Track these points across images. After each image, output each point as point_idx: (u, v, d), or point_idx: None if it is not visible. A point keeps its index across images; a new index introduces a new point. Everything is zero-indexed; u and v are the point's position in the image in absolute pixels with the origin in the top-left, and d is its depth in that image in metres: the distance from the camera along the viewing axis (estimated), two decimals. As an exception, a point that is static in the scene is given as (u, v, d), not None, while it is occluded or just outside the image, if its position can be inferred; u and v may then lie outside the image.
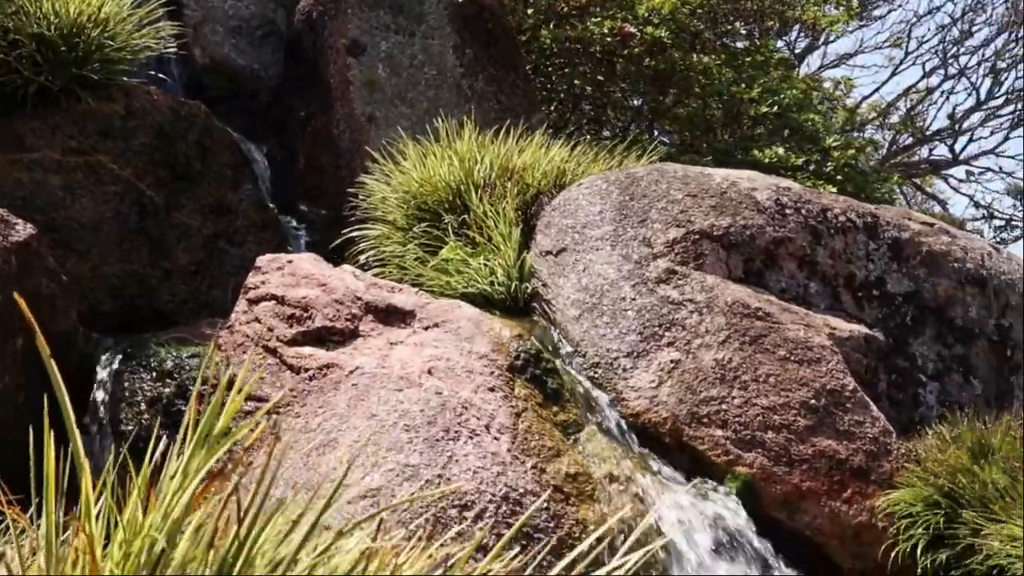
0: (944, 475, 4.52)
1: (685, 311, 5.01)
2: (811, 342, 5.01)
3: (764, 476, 4.59)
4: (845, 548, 4.64)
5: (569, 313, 5.21)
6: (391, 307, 5.14)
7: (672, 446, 4.67)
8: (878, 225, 5.77)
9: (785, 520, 4.61)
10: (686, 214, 5.40)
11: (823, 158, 7.73)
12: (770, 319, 5.03)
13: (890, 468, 4.78)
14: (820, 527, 4.63)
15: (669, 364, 4.84)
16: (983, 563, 4.19)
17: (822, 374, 4.91)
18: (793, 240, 5.48)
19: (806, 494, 4.62)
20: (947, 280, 5.80)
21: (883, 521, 4.62)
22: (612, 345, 4.98)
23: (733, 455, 4.61)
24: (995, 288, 5.89)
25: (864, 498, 4.69)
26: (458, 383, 4.54)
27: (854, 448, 4.78)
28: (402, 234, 6.29)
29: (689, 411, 4.70)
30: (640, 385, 4.81)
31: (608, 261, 5.30)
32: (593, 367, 4.96)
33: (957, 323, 5.76)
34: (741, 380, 4.78)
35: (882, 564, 4.54)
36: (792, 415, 4.73)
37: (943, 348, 5.67)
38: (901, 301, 5.67)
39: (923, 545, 4.47)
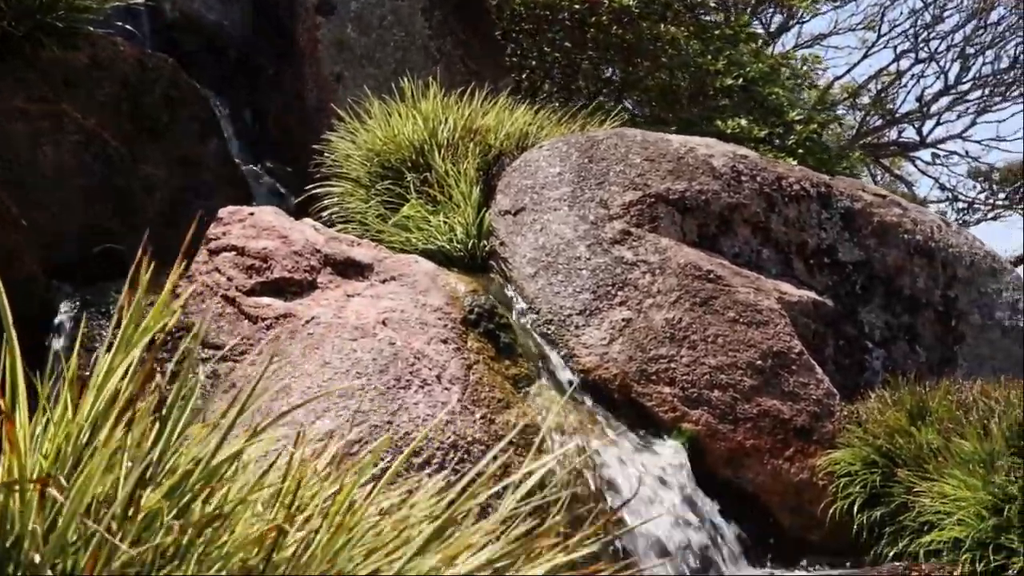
0: (883, 436, 4.65)
1: (638, 272, 5.10)
2: (760, 305, 5.12)
3: (709, 433, 4.70)
4: (786, 505, 4.77)
5: (525, 271, 5.30)
6: (349, 260, 5.20)
7: (621, 402, 4.77)
8: (831, 195, 5.88)
9: (729, 477, 4.72)
10: (643, 177, 5.49)
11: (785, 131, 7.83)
12: (721, 282, 5.13)
13: (832, 429, 4.91)
14: (762, 484, 4.75)
15: (620, 322, 4.93)
16: (915, 519, 4.32)
17: (769, 336, 5.03)
18: (747, 206, 5.59)
19: (750, 452, 4.74)
20: (897, 251, 5.92)
21: (823, 480, 4.75)
22: (566, 303, 5.07)
23: (680, 412, 4.71)
24: (943, 260, 6.03)
25: (806, 457, 4.81)
26: (412, 334, 4.62)
27: (798, 409, 4.90)
28: (365, 191, 6.34)
29: (638, 368, 4.80)
30: (592, 342, 4.91)
31: (565, 221, 5.38)
32: (546, 324, 5.05)
33: (905, 293, 5.89)
34: (690, 340, 4.89)
35: (820, 521, 4.67)
36: (739, 375, 4.85)
37: (891, 316, 5.81)
38: (851, 270, 5.80)
39: (860, 503, 4.61)
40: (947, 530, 4.06)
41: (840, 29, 19.25)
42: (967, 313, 6.01)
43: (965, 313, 6.00)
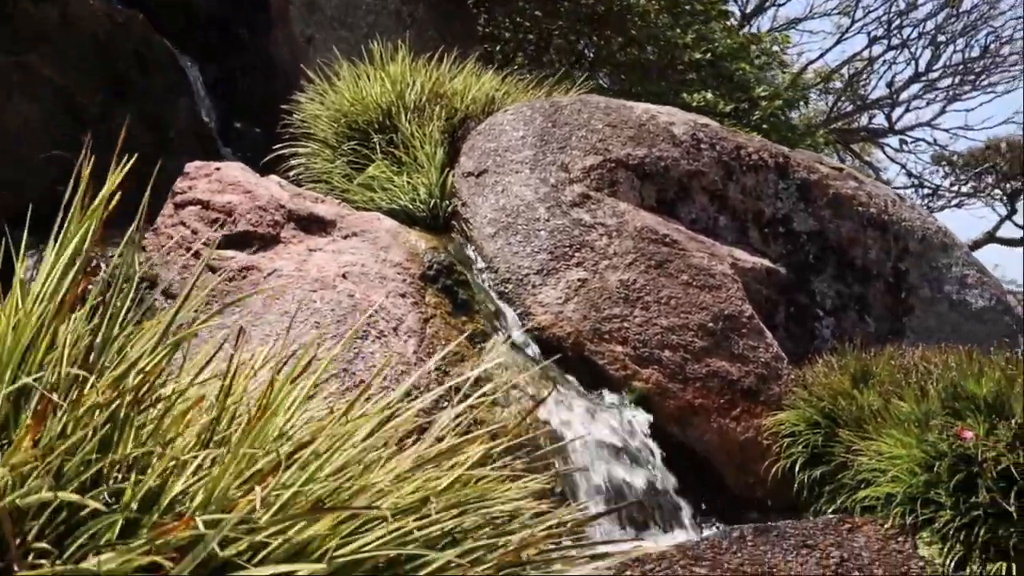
0: (827, 398, 4.78)
1: (595, 234, 5.21)
2: (713, 270, 5.24)
3: (659, 391, 4.83)
4: (731, 463, 4.90)
5: (485, 231, 5.40)
6: (313, 216, 5.29)
7: (574, 359, 4.88)
8: (789, 166, 6.01)
9: (677, 434, 4.85)
10: (604, 143, 5.60)
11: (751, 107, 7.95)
12: (676, 246, 5.25)
13: (779, 391, 5.05)
14: (709, 442, 4.89)
15: (576, 282, 5.04)
16: (853, 478, 4.46)
17: (721, 300, 5.15)
18: (706, 174, 5.70)
19: (698, 410, 4.87)
20: (851, 223, 6.06)
21: (768, 439, 4.89)
22: (523, 262, 5.17)
23: (631, 370, 4.83)
24: (895, 233, 6.18)
25: (752, 417, 4.95)
26: (371, 288, 4.72)
27: (746, 370, 5.03)
28: (331, 152, 6.42)
29: (592, 327, 4.91)
30: (547, 301, 5.02)
31: (526, 184, 5.48)
32: (504, 282, 5.15)
33: (857, 264, 6.03)
34: (644, 301, 5.01)
35: (763, 479, 4.81)
36: (690, 336, 4.97)
37: (842, 286, 5.95)
38: (805, 240, 5.93)
39: (802, 462, 4.75)
40: (882, 486, 4.20)
41: (815, 14, 19.46)
42: (917, 286, 6.16)
43: (915, 286, 6.16)
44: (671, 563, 3.68)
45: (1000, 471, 3.81)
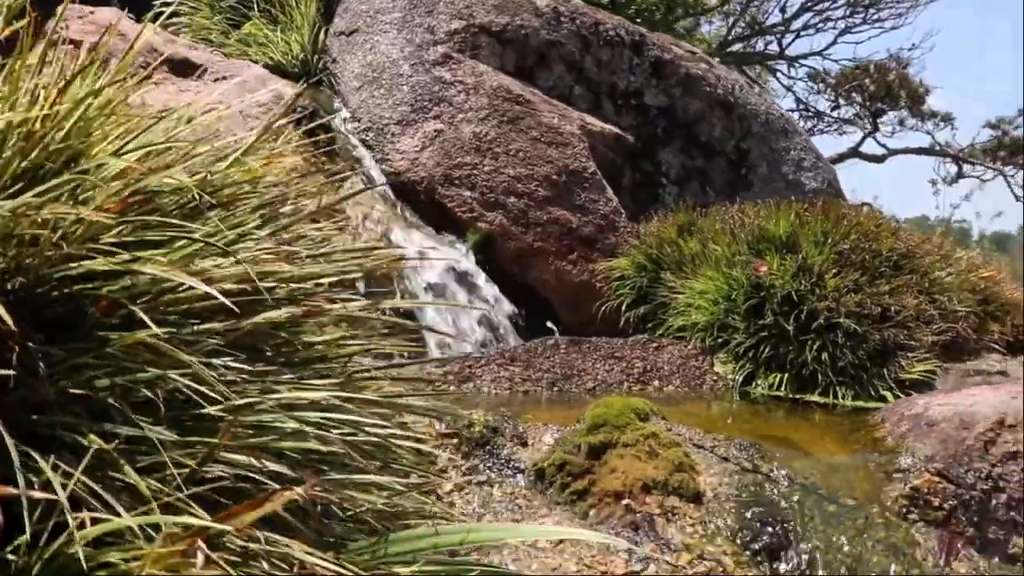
0: (655, 245, 5.25)
1: (454, 90, 5.55)
2: (562, 129, 5.63)
3: (503, 233, 5.23)
4: (566, 303, 5.35)
5: (352, 85, 5.70)
6: (185, 61, 5.52)
7: (426, 201, 5.25)
8: (644, 44, 6.40)
9: (517, 274, 5.27)
10: (470, 9, 5.91)
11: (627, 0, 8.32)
12: (529, 105, 5.63)
13: (615, 241, 5.50)
14: (547, 282, 5.32)
15: (433, 133, 5.39)
16: (671, 313, 4.94)
17: (567, 156, 5.56)
18: (564, 45, 6.07)
19: (537, 253, 5.29)
20: (699, 102, 6.50)
21: (601, 283, 5.34)
22: (385, 113, 5.49)
23: (477, 213, 5.22)
24: (740, 114, 6.64)
25: (588, 262, 5.39)
26: (234, 124, 4.99)
27: (586, 220, 5.47)
28: (210, 9, 6.62)
29: (444, 173, 5.27)
30: (405, 149, 5.36)
31: (393, 43, 5.78)
32: (366, 131, 5.47)
33: (702, 140, 6.49)
34: (494, 152, 5.38)
35: (594, 317, 5.26)
36: (534, 185, 5.37)
37: (687, 159, 6.41)
38: (656, 114, 6.36)
39: (629, 302, 5.22)
40: (690, 315, 4.69)
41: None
42: (756, 165, 6.65)
43: (755, 165, 6.65)
44: (489, 361, 4.11)
45: (784, 296, 4.31)
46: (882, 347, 4.25)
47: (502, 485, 2.87)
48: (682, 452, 2.88)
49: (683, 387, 4.34)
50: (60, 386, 1.28)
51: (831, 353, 4.19)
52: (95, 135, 1.73)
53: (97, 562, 1.03)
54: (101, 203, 1.44)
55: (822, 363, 4.18)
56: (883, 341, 4.25)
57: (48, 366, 1.31)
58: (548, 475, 2.83)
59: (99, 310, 1.32)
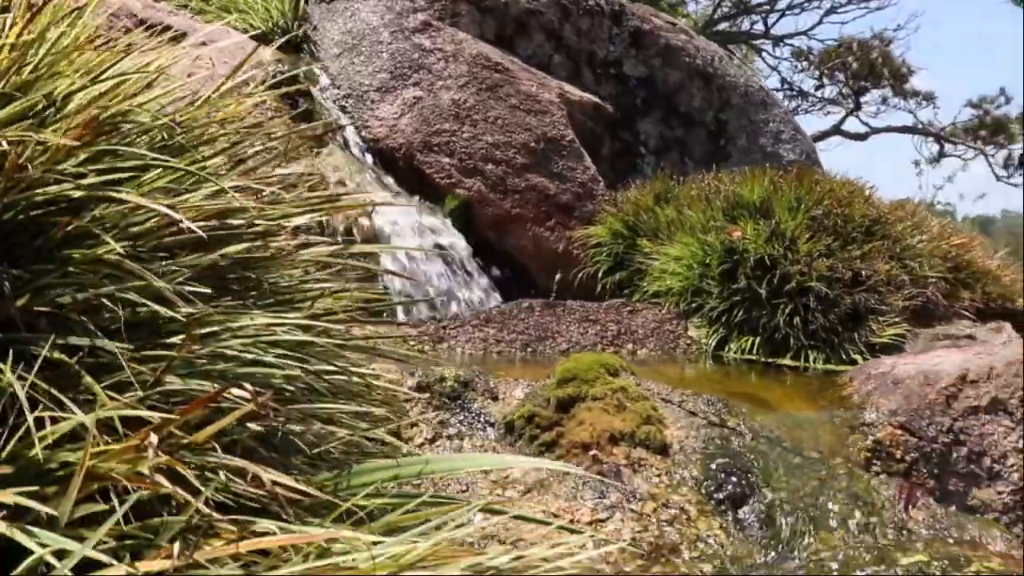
0: (631, 213, 5.28)
1: (433, 58, 5.57)
2: (541, 97, 5.66)
3: (480, 199, 5.26)
4: (543, 268, 5.38)
5: (332, 52, 5.70)
6: (165, 26, 5.50)
7: (404, 168, 5.27)
8: (624, 14, 6.42)
9: (495, 240, 5.30)
10: (450, -23, 5.92)
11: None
12: (508, 73, 5.64)
13: (593, 209, 5.53)
14: (524, 248, 5.36)
15: (412, 100, 5.40)
16: (646, 279, 4.98)
17: (546, 124, 5.58)
18: (544, 14, 6.08)
19: (515, 219, 5.32)
20: (679, 72, 6.53)
21: (578, 249, 5.37)
22: (365, 80, 5.51)
23: (455, 179, 5.25)
24: (719, 86, 6.67)
25: (565, 229, 5.43)
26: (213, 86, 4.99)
27: (563, 188, 5.50)
28: (190, -25, 6.61)
29: (423, 140, 5.29)
30: (384, 115, 5.37)
31: (373, 10, 5.78)
32: (345, 98, 5.49)
33: (682, 110, 6.52)
34: (472, 119, 5.40)
35: (571, 283, 5.29)
36: (512, 153, 5.39)
37: (666, 129, 6.44)
38: (635, 83, 6.38)
39: (606, 268, 5.26)
40: (666, 281, 4.73)
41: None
42: (735, 136, 6.69)
43: (733, 136, 6.68)
44: (464, 323, 4.15)
45: (757, 261, 4.35)
46: (853, 311, 4.30)
47: (472, 438, 2.91)
48: (650, 406, 2.92)
49: (657, 350, 4.38)
50: (25, 305, 1.30)
51: (803, 317, 4.25)
52: (64, 70, 1.75)
53: (56, 462, 1.06)
54: (67, 128, 1.46)
55: (794, 327, 4.23)
56: (854, 305, 4.30)
57: (13, 288, 1.34)
58: (517, 428, 2.87)
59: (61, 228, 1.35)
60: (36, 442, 1.05)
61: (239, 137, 2.12)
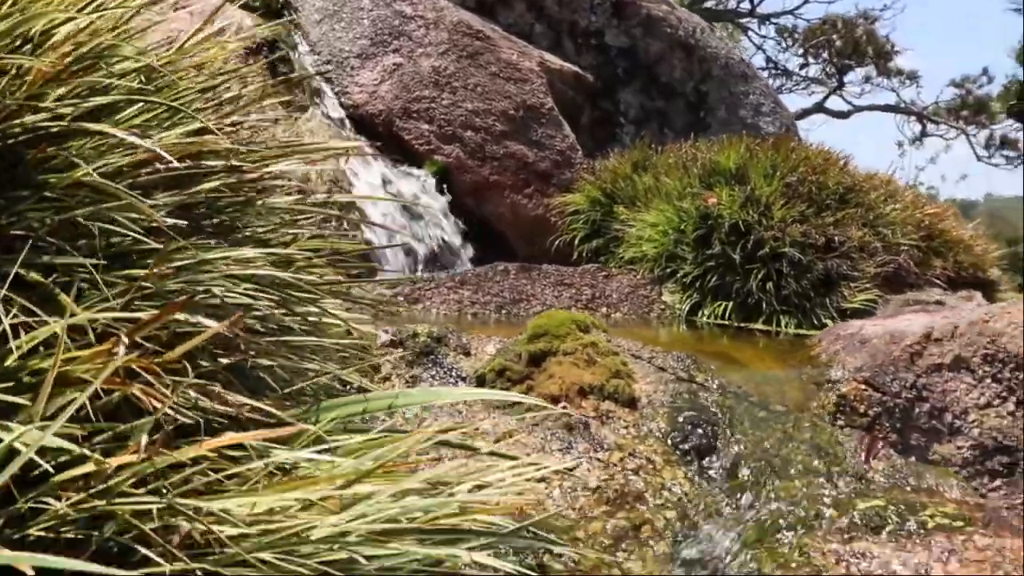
0: (609, 180, 5.33)
1: (414, 24, 5.59)
2: (521, 65, 5.68)
3: (459, 166, 5.29)
4: (521, 235, 5.43)
5: (312, 18, 5.71)
6: (145, -11, 5.51)
7: (384, 134, 5.30)
8: (605, -16, 6.45)
9: (473, 206, 5.34)
10: (431, -56, 5.93)
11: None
12: (489, 41, 5.67)
13: (571, 177, 5.57)
14: (502, 215, 5.40)
15: (392, 66, 5.43)
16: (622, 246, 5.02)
17: (525, 92, 5.61)
18: (525, -17, 6.11)
19: (493, 186, 5.36)
20: (660, 43, 6.56)
21: (556, 217, 5.42)
22: (345, 47, 5.52)
23: (434, 146, 5.28)
24: (700, 57, 6.71)
25: (543, 196, 5.47)
26: (193, 51, 5.01)
27: (542, 156, 5.54)
28: (171, -59, 6.59)
29: (402, 106, 5.32)
30: (364, 82, 5.40)
31: (355, -23, 5.80)
32: (325, 64, 5.50)
33: (662, 81, 6.56)
34: (452, 86, 5.43)
35: (548, 250, 5.34)
36: (492, 120, 5.43)
37: (646, 100, 6.48)
38: (616, 54, 6.42)
39: (583, 235, 5.30)
40: (641, 247, 4.78)
41: None
42: (715, 108, 6.73)
43: (713, 108, 6.73)
44: (439, 284, 4.19)
45: (731, 226, 4.41)
46: (825, 277, 4.36)
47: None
48: (620, 361, 2.98)
49: (631, 314, 4.44)
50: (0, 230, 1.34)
51: (776, 282, 4.31)
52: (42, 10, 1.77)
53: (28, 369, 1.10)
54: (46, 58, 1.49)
55: (767, 292, 4.29)
56: (827, 271, 4.36)
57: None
58: (488, 381, 2.92)
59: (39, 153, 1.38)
60: (13, 350, 1.09)
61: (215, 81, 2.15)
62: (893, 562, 2.09)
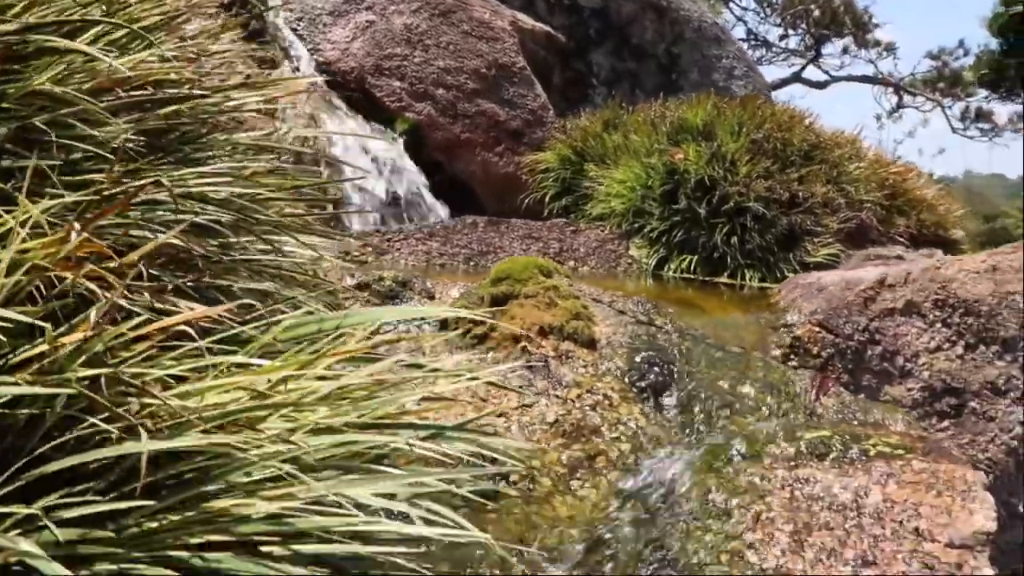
0: (580, 139, 5.38)
1: (387, -19, 5.60)
2: (493, 24, 5.71)
3: (430, 124, 5.33)
4: (492, 193, 5.48)
5: (285, -26, 5.72)
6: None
7: (356, 91, 5.32)
8: (578, -55, 6.47)
9: (444, 164, 5.38)
10: (404, -98, 5.93)
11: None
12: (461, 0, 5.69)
13: (542, 136, 5.62)
14: (473, 173, 5.45)
15: (364, 23, 5.45)
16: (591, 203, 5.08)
17: (497, 51, 5.65)
18: (498, -57, 6.12)
19: (464, 144, 5.40)
20: (632, 4, 6.60)
21: (527, 175, 5.46)
22: (318, 4, 5.54)
23: (406, 103, 5.31)
24: (672, 19, 6.75)
25: (514, 155, 5.51)
26: (165, 5, 5.01)
27: (513, 115, 5.58)
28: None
29: (374, 64, 5.34)
30: (336, 39, 5.41)
31: (327, -66, 5.80)
32: (298, 20, 5.51)
33: (634, 42, 6.60)
34: (424, 44, 5.46)
35: (519, 207, 5.38)
36: (463, 78, 5.46)
37: (618, 61, 6.52)
38: (588, 15, 6.45)
39: (553, 193, 5.35)
40: (610, 203, 4.84)
41: None
42: (687, 70, 6.78)
43: (685, 70, 6.78)
44: (407, 236, 4.24)
45: (697, 182, 4.47)
46: (789, 232, 4.44)
47: (408, 334, 3.02)
48: (580, 304, 3.04)
49: (599, 268, 4.50)
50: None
51: (740, 237, 4.38)
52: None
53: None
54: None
55: (731, 246, 4.36)
56: (790, 226, 4.44)
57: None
58: (451, 322, 2.98)
59: None
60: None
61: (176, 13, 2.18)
62: (835, 486, 2.17)
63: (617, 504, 2.28)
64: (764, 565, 2.00)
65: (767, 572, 1.97)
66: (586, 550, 2.09)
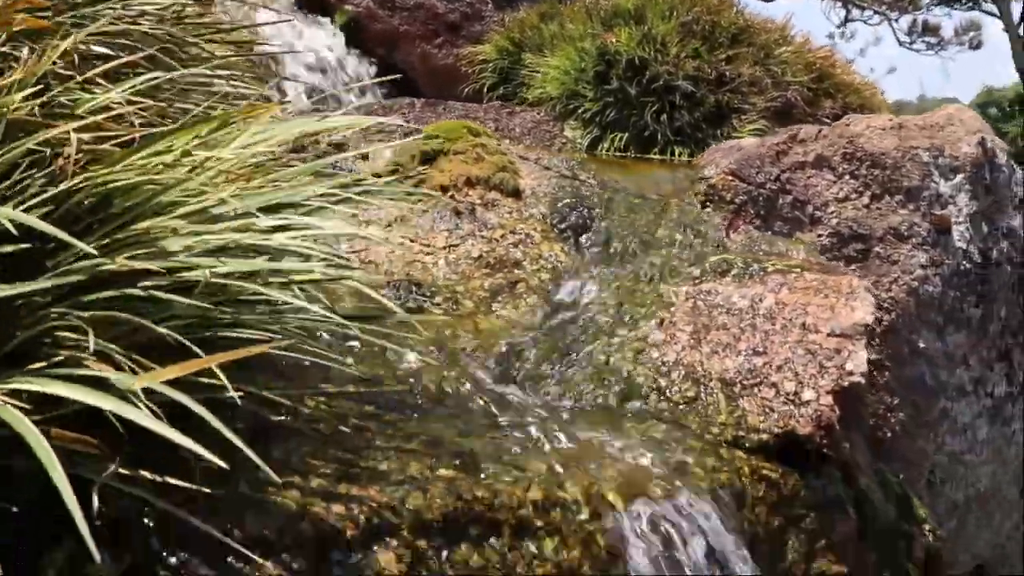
0: (517, 30, 5.47)
1: None
2: (430, -83, 5.76)
3: (369, 15, 5.41)
4: (432, 84, 5.57)
5: None
6: None
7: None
8: None
9: (384, 55, 5.46)
10: None
11: None
12: None
13: (481, 30, 5.71)
14: (413, 64, 5.53)
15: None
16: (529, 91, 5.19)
17: (435, -56, 5.70)
18: None
19: (403, 36, 5.49)
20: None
21: (465, 67, 5.55)
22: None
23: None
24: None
25: (453, 47, 5.61)
26: None
27: (452, 8, 5.66)
28: None
29: (313, -45, 5.39)
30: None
31: None
32: (234, -86, 5.53)
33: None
34: (362, -63, 5.50)
35: (459, 98, 5.48)
36: (401, -28, 5.53)
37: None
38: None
39: (492, 83, 5.45)
40: (545, 87, 4.96)
41: None
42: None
43: None
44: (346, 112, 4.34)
45: (628, 63, 4.60)
46: (717, 110, 4.59)
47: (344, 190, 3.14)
48: (507, 159, 3.19)
49: (534, 147, 4.64)
50: None
51: (669, 114, 4.52)
52: None
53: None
54: None
55: (661, 124, 4.51)
56: (718, 104, 4.59)
57: None
58: (382, 174, 3.11)
59: None
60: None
61: None
62: (734, 295, 2.35)
63: (534, 320, 2.45)
64: (665, 359, 2.18)
65: (667, 363, 2.15)
66: (501, 354, 2.26)
